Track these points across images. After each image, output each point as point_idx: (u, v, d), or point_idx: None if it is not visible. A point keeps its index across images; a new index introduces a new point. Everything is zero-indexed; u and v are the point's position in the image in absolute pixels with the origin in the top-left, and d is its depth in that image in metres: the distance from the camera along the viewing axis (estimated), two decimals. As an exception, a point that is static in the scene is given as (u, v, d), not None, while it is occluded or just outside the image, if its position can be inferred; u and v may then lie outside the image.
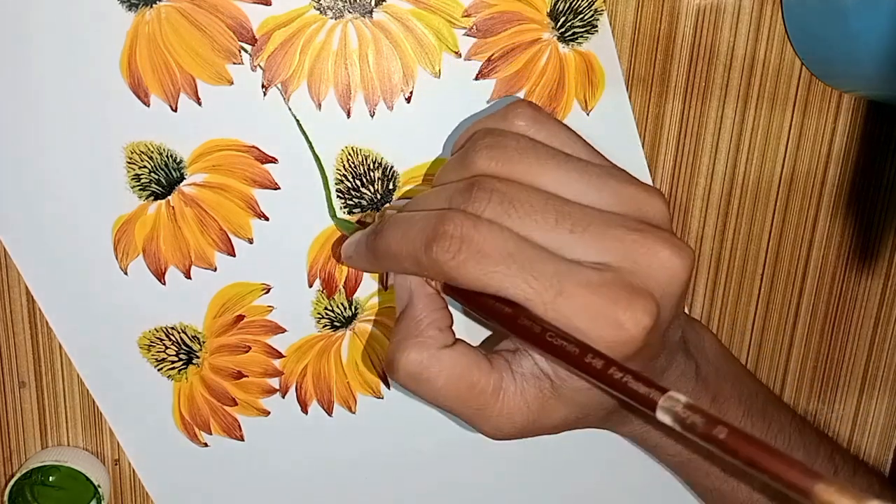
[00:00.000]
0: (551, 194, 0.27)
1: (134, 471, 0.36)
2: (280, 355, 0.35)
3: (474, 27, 0.32)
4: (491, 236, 0.25)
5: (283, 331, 0.35)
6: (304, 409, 0.36)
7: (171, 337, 0.34)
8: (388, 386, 0.36)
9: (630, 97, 0.34)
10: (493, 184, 0.26)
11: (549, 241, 0.26)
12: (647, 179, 0.35)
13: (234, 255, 0.34)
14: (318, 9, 0.31)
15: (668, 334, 0.29)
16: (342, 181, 0.33)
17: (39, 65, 0.31)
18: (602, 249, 0.26)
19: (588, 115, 0.34)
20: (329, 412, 0.36)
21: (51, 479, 0.34)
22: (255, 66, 0.31)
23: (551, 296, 0.25)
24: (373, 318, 0.35)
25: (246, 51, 0.31)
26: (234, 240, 0.33)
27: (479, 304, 0.26)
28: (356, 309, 0.35)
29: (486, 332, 0.36)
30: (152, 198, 0.32)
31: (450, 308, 0.29)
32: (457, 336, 0.29)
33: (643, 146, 0.35)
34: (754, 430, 0.33)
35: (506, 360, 0.28)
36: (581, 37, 0.33)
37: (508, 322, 0.25)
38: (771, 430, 0.34)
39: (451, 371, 0.27)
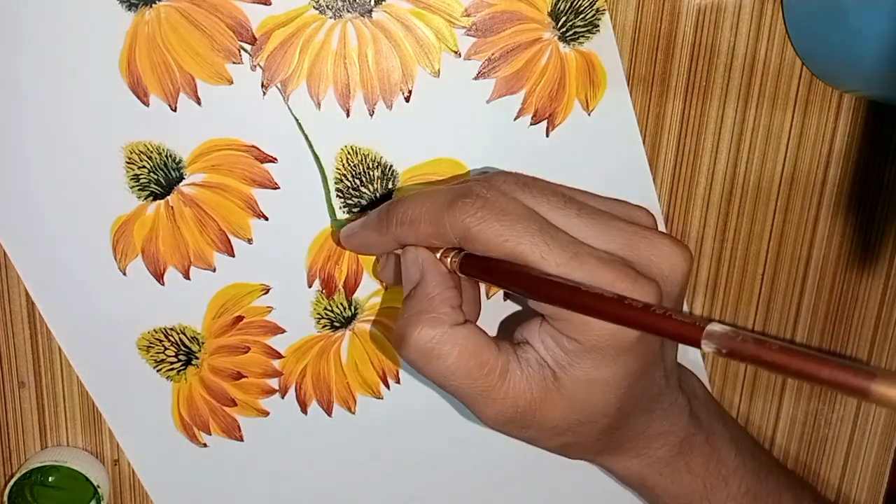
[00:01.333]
0: (559, 185, 0.28)
1: (133, 471, 0.36)
2: (279, 356, 0.35)
3: (474, 26, 0.32)
4: (511, 203, 0.27)
5: (283, 331, 0.35)
6: (304, 410, 0.36)
7: (171, 338, 0.34)
8: (387, 386, 0.36)
9: (631, 97, 0.34)
10: (506, 173, 0.28)
11: (559, 219, 0.27)
12: (648, 179, 0.35)
13: (233, 256, 0.33)
14: (318, 8, 0.31)
15: (667, 347, 0.29)
16: (342, 180, 0.33)
17: (39, 65, 0.31)
18: (608, 237, 0.27)
19: (589, 115, 0.34)
20: (329, 412, 0.36)
21: (50, 479, 0.34)
22: (255, 66, 0.31)
23: (566, 258, 0.26)
24: (373, 318, 0.35)
25: (245, 50, 0.31)
26: (233, 240, 0.33)
27: (499, 272, 0.27)
28: (356, 309, 0.35)
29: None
30: (151, 198, 0.32)
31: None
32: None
33: (644, 146, 0.35)
34: (747, 470, 0.34)
35: (512, 348, 0.28)
36: (582, 36, 0.33)
37: (535, 282, 0.26)
38: (762, 470, 0.34)
39: (463, 348, 0.27)
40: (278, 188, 0.33)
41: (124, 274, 0.33)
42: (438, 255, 0.29)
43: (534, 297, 0.26)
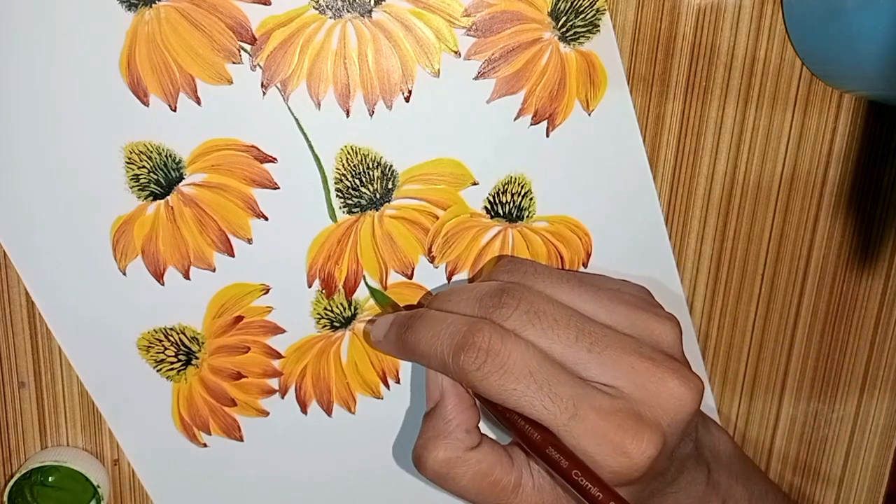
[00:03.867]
0: (574, 310, 0.29)
1: (133, 471, 0.36)
2: (279, 356, 0.35)
3: (474, 26, 0.32)
4: (515, 352, 0.27)
5: (283, 331, 0.35)
6: (304, 410, 0.36)
7: (170, 338, 0.34)
8: (387, 386, 0.36)
9: (631, 97, 0.34)
10: (521, 292, 0.28)
11: (568, 356, 0.28)
12: (648, 179, 0.35)
13: (233, 256, 0.33)
14: (318, 8, 0.31)
15: (676, 452, 0.30)
16: (341, 180, 0.33)
17: (38, 64, 0.31)
18: (616, 374, 0.27)
19: (590, 115, 0.34)
20: (328, 413, 0.36)
21: (50, 479, 0.34)
22: (255, 66, 0.31)
23: (566, 418, 0.27)
24: (372, 318, 0.35)
25: (245, 50, 0.31)
26: (233, 240, 0.33)
27: (502, 414, 0.28)
28: (356, 309, 0.35)
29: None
30: (151, 198, 0.32)
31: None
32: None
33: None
34: None
35: (525, 459, 0.29)
36: (583, 36, 0.33)
37: (524, 438, 0.28)
38: None
39: (476, 471, 0.29)
40: (278, 188, 0.33)
41: (124, 274, 0.33)
42: None
43: (533, 451, 0.28)
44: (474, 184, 0.34)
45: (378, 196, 0.34)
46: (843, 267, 0.38)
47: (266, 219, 0.33)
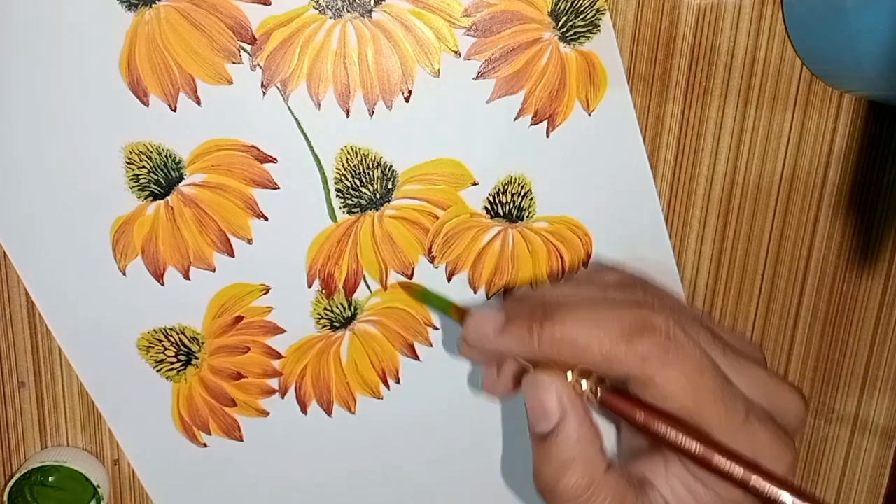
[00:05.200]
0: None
1: (133, 471, 0.36)
2: (279, 356, 0.35)
3: (474, 26, 0.32)
4: (693, 344, 0.24)
5: (283, 331, 0.35)
6: (304, 410, 0.36)
7: (170, 338, 0.34)
8: (387, 386, 0.36)
9: (631, 97, 0.34)
10: (666, 294, 0.27)
11: (716, 360, 0.26)
12: (648, 179, 0.35)
13: (233, 256, 0.33)
14: (318, 8, 0.31)
15: None
16: (341, 180, 0.33)
17: (38, 64, 0.31)
18: (750, 384, 0.26)
19: (590, 115, 0.34)
20: (328, 413, 0.36)
21: (50, 479, 0.34)
22: (255, 66, 0.31)
23: (738, 423, 0.24)
24: (372, 318, 0.35)
25: (245, 50, 0.31)
26: (233, 240, 0.33)
27: (655, 422, 0.25)
28: (356, 309, 0.35)
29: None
30: (151, 198, 0.32)
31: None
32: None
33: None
34: None
35: (641, 489, 0.26)
36: (583, 36, 0.33)
37: (706, 450, 0.24)
38: None
39: (614, 497, 0.25)
40: (278, 188, 0.33)
41: (124, 274, 0.33)
42: (570, 379, 0.26)
43: (696, 464, 0.25)
44: (474, 184, 0.34)
45: (378, 196, 0.34)
46: (843, 267, 0.38)
47: (266, 219, 0.33)
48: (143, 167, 0.32)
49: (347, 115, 0.32)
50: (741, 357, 0.27)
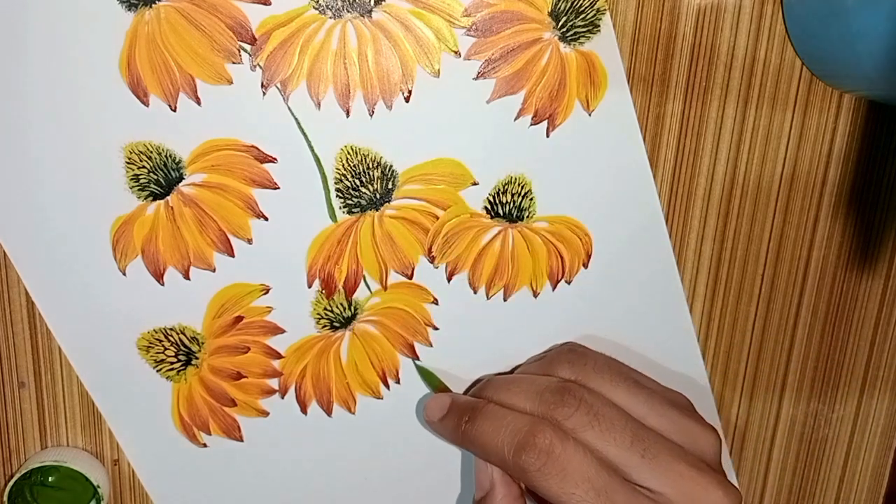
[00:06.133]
0: (629, 415, 0.30)
1: (133, 471, 0.36)
2: (279, 356, 0.35)
3: (474, 26, 0.32)
4: (575, 457, 0.28)
5: (283, 331, 0.35)
6: (304, 410, 0.36)
7: (170, 338, 0.34)
8: (387, 386, 0.36)
9: (631, 97, 0.34)
10: (582, 393, 0.30)
11: (621, 459, 0.29)
12: (648, 179, 0.35)
13: (233, 256, 0.33)
14: (318, 8, 0.31)
15: None
16: (341, 180, 0.33)
17: (38, 65, 0.31)
18: (665, 481, 0.29)
19: (590, 115, 0.34)
20: (328, 413, 0.36)
21: (50, 479, 0.34)
22: (255, 66, 0.31)
23: None
24: (372, 318, 0.35)
25: (245, 50, 0.31)
26: (233, 240, 0.33)
27: None
28: (355, 309, 0.35)
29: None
30: (151, 198, 0.32)
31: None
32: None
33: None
34: None
35: None
36: (583, 36, 0.33)
37: None
38: None
39: None
40: (278, 188, 0.33)
41: (124, 274, 0.33)
42: None
43: None
44: (474, 184, 0.34)
45: (378, 196, 0.34)
46: (843, 267, 0.38)
47: (266, 219, 0.33)
48: (143, 167, 0.32)
49: (347, 115, 0.32)
50: (664, 402, 0.31)
